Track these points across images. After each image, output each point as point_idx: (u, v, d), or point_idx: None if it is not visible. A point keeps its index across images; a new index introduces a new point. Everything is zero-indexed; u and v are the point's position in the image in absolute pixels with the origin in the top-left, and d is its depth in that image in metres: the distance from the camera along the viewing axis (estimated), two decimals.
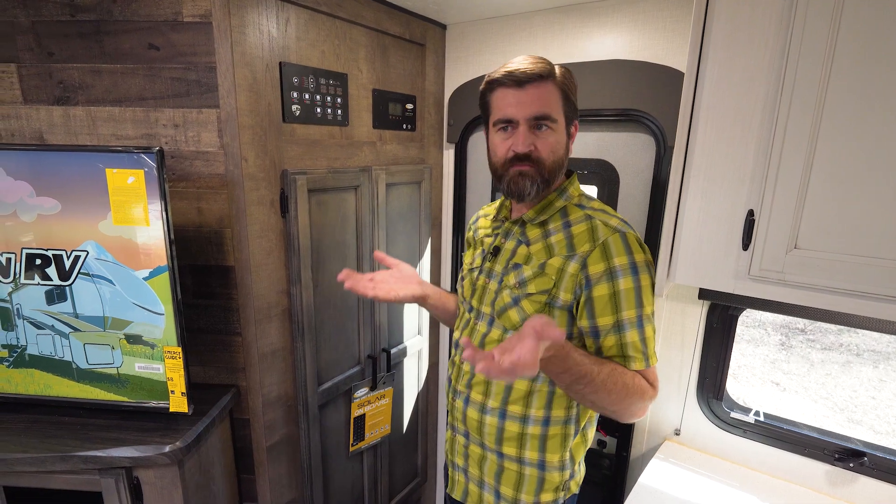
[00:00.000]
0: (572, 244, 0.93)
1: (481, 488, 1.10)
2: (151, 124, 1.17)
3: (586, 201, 1.00)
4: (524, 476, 1.03)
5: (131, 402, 1.15)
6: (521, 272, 0.96)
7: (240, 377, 1.33)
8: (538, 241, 0.98)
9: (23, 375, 1.15)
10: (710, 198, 0.97)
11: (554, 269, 0.93)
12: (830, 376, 5.05)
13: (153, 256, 1.05)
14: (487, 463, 1.07)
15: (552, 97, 0.90)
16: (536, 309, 0.94)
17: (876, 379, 4.99)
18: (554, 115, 0.91)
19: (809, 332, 5.85)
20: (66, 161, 1.02)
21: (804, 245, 0.88)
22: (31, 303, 1.10)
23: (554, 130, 0.92)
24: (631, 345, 0.90)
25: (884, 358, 5.33)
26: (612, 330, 0.90)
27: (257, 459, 1.39)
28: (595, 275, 0.89)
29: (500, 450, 1.03)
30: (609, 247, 0.89)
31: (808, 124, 0.84)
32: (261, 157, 1.22)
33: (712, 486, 1.31)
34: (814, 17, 0.81)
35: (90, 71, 1.15)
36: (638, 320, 0.90)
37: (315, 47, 1.32)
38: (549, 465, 1.02)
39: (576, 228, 0.94)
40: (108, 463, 1.06)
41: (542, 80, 0.89)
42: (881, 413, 4.47)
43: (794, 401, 4.65)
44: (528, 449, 1.01)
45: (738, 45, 0.89)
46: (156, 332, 1.09)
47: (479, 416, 1.04)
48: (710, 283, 1.00)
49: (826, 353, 5.46)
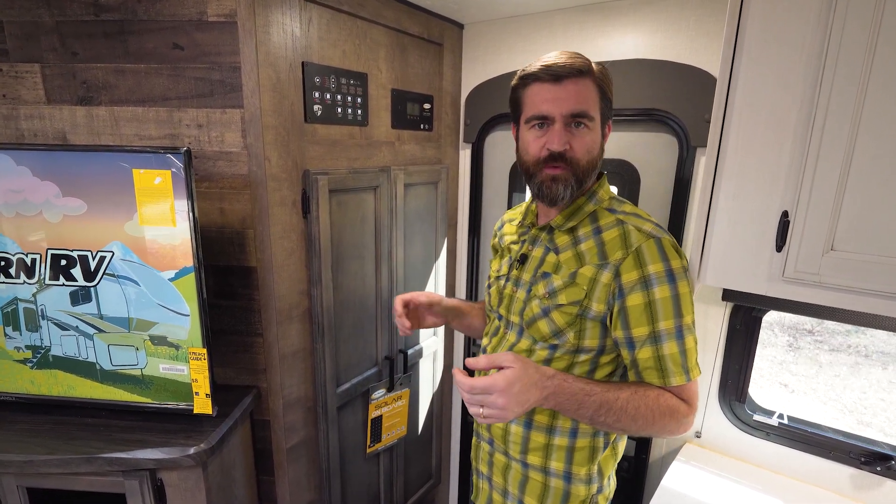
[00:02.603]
0: (604, 252, 0.88)
1: (505, 497, 1.07)
2: (175, 124, 1.17)
3: (617, 205, 0.94)
4: (549, 488, 0.99)
5: (155, 404, 1.14)
6: (551, 282, 0.92)
7: (260, 378, 1.32)
8: (567, 249, 0.93)
9: (46, 377, 1.15)
10: (743, 199, 0.95)
11: (585, 279, 0.88)
12: (839, 378, 5.02)
13: (179, 257, 1.05)
14: (512, 472, 1.03)
15: (590, 94, 0.86)
16: (567, 321, 0.90)
17: (885, 381, 4.96)
18: (591, 113, 0.86)
19: (817, 333, 5.82)
20: (93, 161, 1.01)
21: (841, 247, 0.87)
22: (56, 304, 1.09)
23: (590, 129, 0.87)
24: (669, 357, 0.84)
25: (893, 359, 5.30)
26: (648, 341, 0.84)
27: (277, 461, 1.38)
28: (629, 283, 0.84)
29: (525, 460, 1.00)
30: (643, 254, 0.84)
31: (846, 124, 0.83)
32: (283, 158, 1.22)
33: (736, 488, 1.29)
34: (853, 14, 0.80)
35: (114, 71, 1.15)
36: (677, 331, 0.84)
37: (336, 47, 1.32)
38: (576, 478, 0.98)
39: (607, 235, 0.89)
40: (132, 465, 1.05)
41: (581, 76, 0.84)
42: (891, 415, 4.44)
43: (803, 402, 4.62)
44: (553, 459, 0.97)
45: (774, 43, 0.88)
46: (181, 334, 1.09)
47: (504, 425, 1.01)
48: (741, 285, 0.99)
49: (834, 355, 5.43)
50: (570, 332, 0.90)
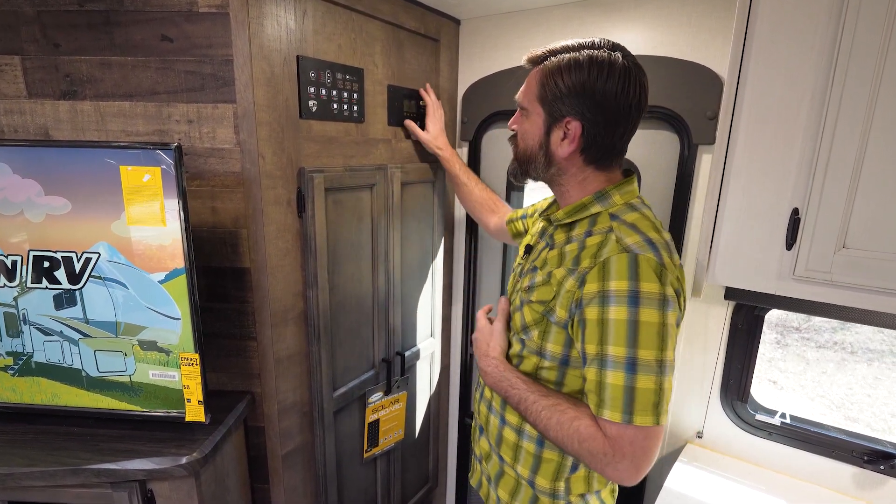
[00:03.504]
0: (579, 257, 0.82)
1: (489, 483, 1.09)
2: (164, 120, 1.12)
3: (626, 212, 0.85)
4: (521, 486, 0.99)
5: (144, 412, 1.09)
6: (534, 276, 0.91)
7: (254, 383, 1.28)
8: (558, 247, 0.90)
9: (28, 384, 1.09)
10: (752, 197, 0.94)
11: (556, 281, 0.84)
12: (826, 374, 5.09)
13: (169, 258, 1.00)
14: (492, 462, 1.06)
15: (531, 85, 0.88)
16: (534, 318, 0.88)
17: (871, 377, 5.04)
18: (524, 104, 0.90)
19: (804, 330, 5.90)
20: (78, 158, 0.96)
21: (853, 245, 0.85)
22: (39, 308, 1.04)
23: (526, 118, 0.91)
24: (609, 387, 0.74)
25: (878, 356, 5.38)
26: (595, 361, 0.77)
27: (272, 468, 1.34)
28: (588, 295, 0.77)
29: (499, 452, 1.02)
30: (609, 266, 0.76)
31: (859, 120, 0.81)
32: (278, 155, 1.17)
33: (739, 489, 1.28)
34: (867, 7, 0.78)
35: (99, 64, 1.09)
36: (628, 363, 0.73)
37: (332, 41, 1.28)
38: (540, 489, 0.95)
39: (591, 240, 0.83)
40: (121, 476, 1.00)
41: (534, 66, 0.89)
42: (877, 411, 4.51)
43: (791, 399, 4.68)
44: (520, 464, 0.96)
45: (784, 39, 0.87)
46: (171, 338, 1.04)
47: (486, 412, 1.05)
48: (750, 283, 0.97)
49: (821, 352, 5.51)
50: (534, 330, 0.89)
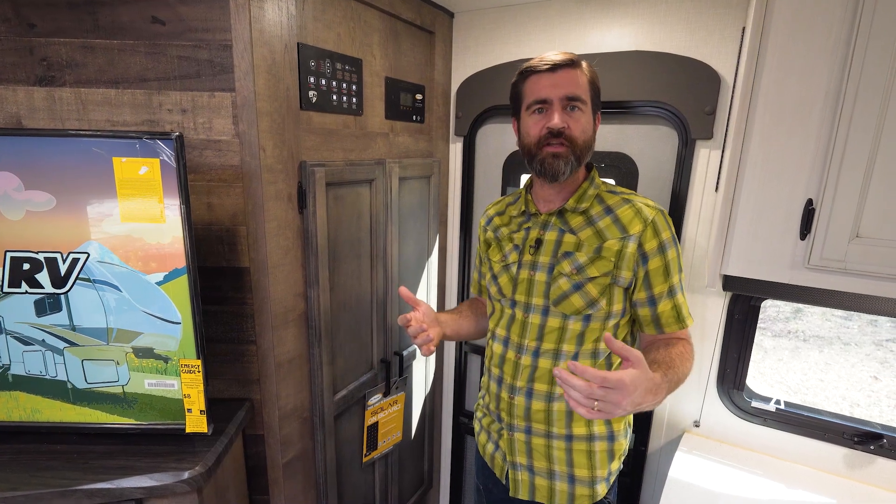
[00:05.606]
0: (623, 226, 0.99)
1: (551, 479, 1.09)
2: (154, 109, 1.04)
3: (615, 188, 1.07)
4: (594, 452, 1.06)
5: (139, 425, 1.01)
6: (576, 259, 1.01)
7: (254, 390, 1.21)
8: (585, 228, 1.02)
9: (4, 399, 0.99)
10: (767, 188, 0.96)
11: (612, 252, 0.99)
12: (782, 361, 5.38)
13: (168, 258, 0.92)
14: (555, 451, 1.08)
15: (581, 81, 0.97)
16: (600, 291, 0.99)
17: (822, 362, 5.36)
18: (584, 97, 0.96)
19: (761, 320, 6.19)
20: (63, 148, 0.87)
21: (866, 233, 0.88)
22: (17, 315, 0.94)
23: (584, 112, 0.97)
24: (683, 305, 1.01)
25: (827, 343, 5.73)
26: (667, 295, 1.00)
27: (272, 478, 1.27)
28: (651, 250, 0.98)
29: (570, 433, 1.06)
30: (657, 224, 0.98)
31: (874, 112, 0.84)
32: (279, 147, 1.11)
33: (740, 475, 1.32)
34: (883, 6, 0.81)
35: (80, 47, 1.00)
36: (680, 284, 1.01)
37: (331, 29, 1.22)
38: (617, 434, 1.08)
39: (621, 212, 1.01)
40: (117, 495, 0.92)
41: (573, 67, 0.96)
42: (829, 394, 4.80)
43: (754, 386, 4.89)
44: (596, 424, 1.07)
45: (800, 31, 0.89)
46: (170, 344, 0.97)
47: (545, 406, 1.06)
48: (763, 273, 0.99)
49: (777, 340, 5.81)
50: (602, 300, 1.00)
